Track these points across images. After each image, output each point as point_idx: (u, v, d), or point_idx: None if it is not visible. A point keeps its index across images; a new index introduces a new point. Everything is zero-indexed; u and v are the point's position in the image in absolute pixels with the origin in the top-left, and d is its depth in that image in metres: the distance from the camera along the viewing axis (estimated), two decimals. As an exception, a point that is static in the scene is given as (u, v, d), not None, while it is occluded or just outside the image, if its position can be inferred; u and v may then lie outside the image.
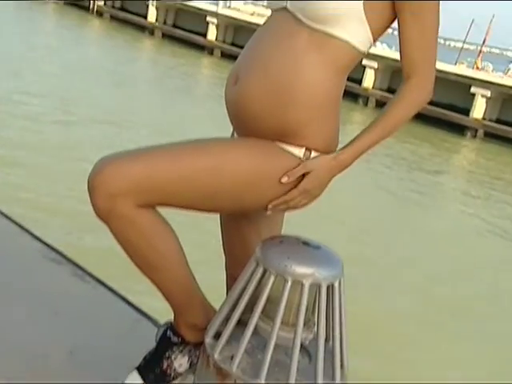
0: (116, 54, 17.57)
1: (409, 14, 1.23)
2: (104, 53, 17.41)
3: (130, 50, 19.38)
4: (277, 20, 1.30)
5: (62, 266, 2.12)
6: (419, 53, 1.26)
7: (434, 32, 1.26)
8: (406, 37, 1.25)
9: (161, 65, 17.67)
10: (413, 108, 1.29)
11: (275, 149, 1.28)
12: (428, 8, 1.24)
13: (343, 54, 1.26)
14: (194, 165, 1.21)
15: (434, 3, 1.24)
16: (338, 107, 1.31)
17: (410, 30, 1.25)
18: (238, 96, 1.29)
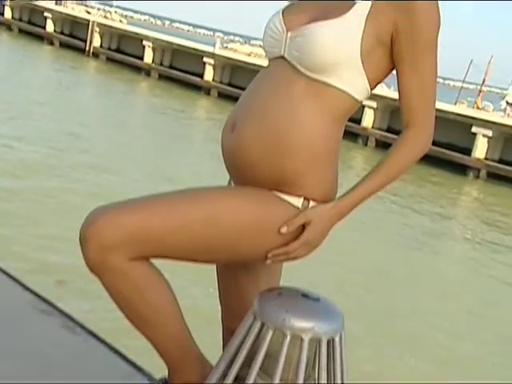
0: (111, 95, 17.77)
1: (407, 65, 1.26)
2: (99, 95, 17.61)
3: (126, 91, 19.59)
4: (274, 68, 1.32)
5: (53, 318, 2.09)
6: (418, 102, 1.28)
7: (432, 82, 1.29)
8: (405, 87, 1.28)
9: (157, 106, 17.84)
10: (413, 156, 1.31)
11: (273, 198, 1.29)
12: (426, 59, 1.26)
13: (340, 103, 1.28)
14: (190, 215, 1.21)
15: (432, 54, 1.27)
16: (336, 156, 1.33)
17: (408, 80, 1.27)
18: (235, 144, 1.31)
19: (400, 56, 1.26)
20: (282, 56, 1.30)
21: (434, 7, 1.24)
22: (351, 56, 1.24)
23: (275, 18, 1.35)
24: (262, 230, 1.26)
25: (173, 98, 20.11)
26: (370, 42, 1.25)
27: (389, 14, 1.24)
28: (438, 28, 1.26)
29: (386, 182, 1.31)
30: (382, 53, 1.27)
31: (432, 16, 1.24)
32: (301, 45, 1.26)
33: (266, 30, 1.36)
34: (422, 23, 1.23)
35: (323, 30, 1.24)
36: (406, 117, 1.30)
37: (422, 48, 1.25)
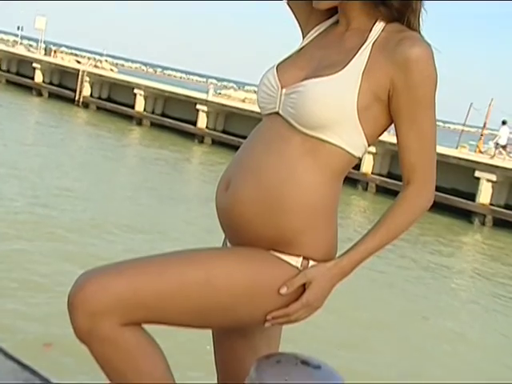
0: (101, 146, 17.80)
1: (406, 121, 1.28)
2: (89, 146, 17.62)
3: (117, 141, 19.67)
4: (269, 125, 1.33)
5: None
6: (418, 159, 1.30)
7: (432, 138, 1.30)
8: (403, 143, 1.30)
9: (148, 156, 17.93)
10: (415, 215, 1.32)
11: (271, 258, 1.28)
12: (425, 115, 1.28)
13: (337, 160, 1.29)
14: (183, 278, 1.20)
15: (430, 110, 1.28)
16: (335, 212, 1.33)
17: (407, 136, 1.29)
18: (230, 203, 1.31)
19: (398, 112, 1.28)
20: (277, 112, 1.32)
21: (431, 63, 1.26)
22: (348, 113, 1.25)
23: (269, 73, 1.36)
24: (260, 292, 1.24)
25: (165, 146, 20.23)
26: (367, 98, 1.26)
27: (385, 70, 1.26)
28: (435, 84, 1.27)
29: (387, 241, 1.31)
30: (379, 108, 1.28)
31: (429, 72, 1.26)
32: (296, 102, 1.27)
33: (260, 86, 1.37)
34: (419, 80, 1.25)
35: (318, 87, 1.25)
36: (406, 173, 1.31)
37: (420, 104, 1.26)
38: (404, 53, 1.23)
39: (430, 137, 1.29)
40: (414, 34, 1.28)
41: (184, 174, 16.83)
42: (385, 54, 1.26)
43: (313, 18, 1.43)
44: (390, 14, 1.30)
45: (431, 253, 12.14)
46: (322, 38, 1.40)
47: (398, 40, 1.26)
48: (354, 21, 1.34)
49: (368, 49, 1.28)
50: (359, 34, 1.32)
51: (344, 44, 1.33)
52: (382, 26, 1.31)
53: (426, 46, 1.25)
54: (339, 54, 1.31)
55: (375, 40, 1.29)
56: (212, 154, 20.55)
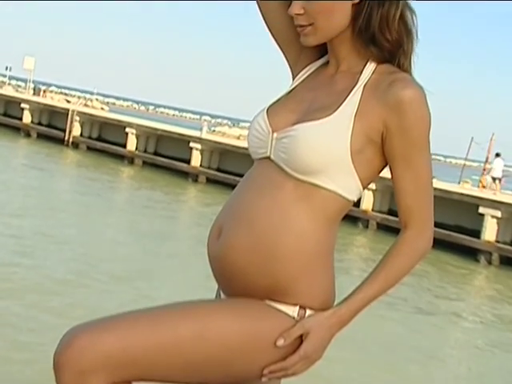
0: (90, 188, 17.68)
1: (400, 163, 1.30)
2: (77, 188, 17.45)
3: (107, 182, 19.65)
4: (261, 170, 1.35)
5: None
6: (415, 202, 1.31)
7: (428, 180, 1.32)
8: (399, 185, 1.32)
9: (140, 197, 17.92)
10: (413, 260, 1.33)
11: (266, 309, 1.27)
12: (419, 157, 1.30)
13: (332, 205, 1.30)
14: (176, 332, 1.18)
15: (425, 152, 1.30)
16: (331, 258, 1.34)
17: (402, 178, 1.31)
18: (222, 251, 1.31)
19: (392, 154, 1.30)
20: (269, 157, 1.33)
21: (424, 104, 1.28)
22: (341, 157, 1.26)
23: (260, 116, 1.37)
24: (255, 345, 1.23)
25: (158, 186, 20.24)
26: (360, 141, 1.28)
27: (378, 112, 1.27)
28: (429, 125, 1.29)
29: (387, 287, 1.31)
30: (372, 151, 1.30)
31: (422, 113, 1.27)
32: (287, 147, 1.28)
33: (250, 130, 1.38)
34: (413, 121, 1.26)
35: (310, 131, 1.26)
36: (403, 216, 1.33)
37: (415, 146, 1.28)
38: (396, 95, 1.26)
39: (425, 178, 1.31)
40: (406, 76, 1.30)
41: (178, 215, 16.78)
42: (377, 96, 1.28)
43: (303, 58, 1.44)
44: (381, 55, 1.32)
45: (435, 295, 11.90)
46: (312, 79, 1.41)
47: (390, 82, 1.28)
48: (344, 61, 1.36)
49: (359, 91, 1.30)
50: (350, 75, 1.34)
51: (335, 86, 1.34)
52: (372, 68, 1.33)
53: (418, 87, 1.28)
54: (330, 96, 1.32)
55: (366, 82, 1.31)
56: (207, 193, 20.56)
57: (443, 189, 17.72)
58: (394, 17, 1.30)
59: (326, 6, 1.30)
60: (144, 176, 22.59)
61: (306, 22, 1.32)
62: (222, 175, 22.40)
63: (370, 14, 1.30)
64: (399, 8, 1.30)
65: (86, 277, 8.56)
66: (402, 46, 1.32)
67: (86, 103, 35.13)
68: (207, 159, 23.75)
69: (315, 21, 1.31)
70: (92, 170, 21.34)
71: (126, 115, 32.58)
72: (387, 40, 1.30)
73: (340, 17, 1.31)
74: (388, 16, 1.29)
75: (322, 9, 1.30)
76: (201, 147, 23.46)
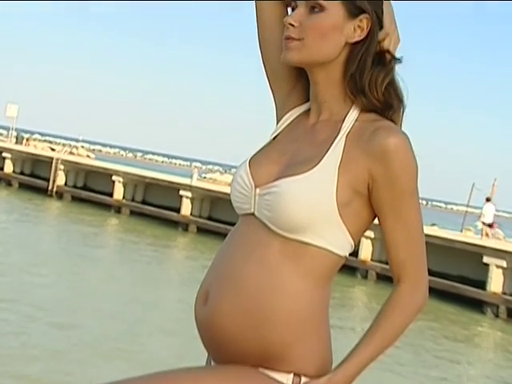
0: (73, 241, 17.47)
1: (389, 215, 1.29)
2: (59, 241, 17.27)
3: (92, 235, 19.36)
4: (246, 227, 1.34)
5: None
6: (407, 254, 1.30)
7: (418, 230, 1.31)
8: (389, 238, 1.31)
9: (127, 248, 17.74)
10: (409, 316, 1.30)
11: (259, 377, 1.25)
12: (408, 207, 1.29)
13: (323, 262, 1.29)
14: None
15: (413, 201, 1.30)
16: (325, 319, 1.31)
17: (392, 231, 1.30)
18: (210, 318, 1.30)
19: (380, 206, 1.30)
20: (253, 213, 1.32)
21: (409, 152, 1.28)
22: (327, 211, 1.26)
23: (242, 170, 1.37)
24: None
25: (146, 237, 20.06)
26: (346, 193, 1.27)
27: (362, 162, 1.28)
28: (416, 173, 1.29)
29: (383, 348, 1.29)
30: (360, 203, 1.30)
31: (408, 162, 1.28)
32: (271, 204, 1.28)
33: (233, 184, 1.39)
34: (399, 171, 1.27)
35: (294, 186, 1.26)
36: (395, 270, 1.32)
37: (403, 195, 1.28)
38: (381, 144, 1.26)
39: (417, 228, 1.31)
40: (389, 124, 1.31)
41: (167, 268, 16.55)
42: (360, 146, 1.28)
43: (290, 101, 1.46)
44: (369, 106, 1.33)
45: (438, 355, 11.42)
46: (294, 128, 1.42)
47: (373, 130, 1.28)
48: (326, 109, 1.37)
49: (342, 141, 1.30)
50: (332, 124, 1.35)
51: (316, 136, 1.35)
52: (355, 115, 1.33)
53: (402, 135, 1.28)
54: (312, 147, 1.33)
55: (349, 131, 1.31)
56: (197, 244, 20.40)
57: (445, 237, 17.67)
58: (383, 81, 1.32)
59: (321, 26, 1.32)
60: (131, 226, 22.42)
61: (296, 35, 1.34)
62: (213, 224, 22.30)
63: (364, 61, 1.32)
64: (389, 75, 1.34)
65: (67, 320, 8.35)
66: (392, 105, 1.34)
67: (72, 151, 35.12)
68: (198, 207, 23.69)
69: (306, 37, 1.33)
70: (76, 221, 21.15)
71: (112, 163, 32.58)
72: (376, 98, 1.32)
73: (331, 44, 1.33)
74: (377, 77, 1.32)
75: (317, 27, 1.32)
76: (191, 195, 23.43)
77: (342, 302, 13.92)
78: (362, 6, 1.33)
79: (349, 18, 1.33)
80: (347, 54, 1.34)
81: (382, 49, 1.35)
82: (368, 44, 1.33)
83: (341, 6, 1.33)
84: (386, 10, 1.37)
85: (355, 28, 1.33)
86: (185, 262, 17.88)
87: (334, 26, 1.33)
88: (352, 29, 1.33)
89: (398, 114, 1.35)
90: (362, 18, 1.33)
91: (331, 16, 1.32)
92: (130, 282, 13.03)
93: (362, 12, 1.33)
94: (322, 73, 1.35)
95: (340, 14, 1.33)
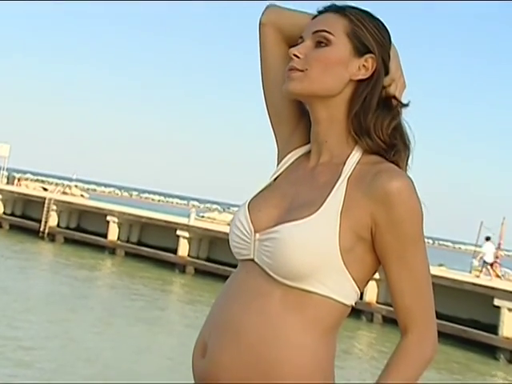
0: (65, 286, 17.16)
1: (394, 261, 1.28)
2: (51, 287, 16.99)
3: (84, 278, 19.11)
4: (245, 274, 1.33)
5: None
6: (413, 302, 1.28)
7: (425, 273, 1.30)
8: (395, 285, 1.29)
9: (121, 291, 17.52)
10: (419, 367, 1.27)
11: None
12: (414, 250, 1.27)
13: (327, 312, 1.27)
14: None
15: (419, 246, 1.28)
16: (331, 374, 1.29)
17: (398, 276, 1.28)
18: (209, 371, 1.28)
19: (383, 251, 1.28)
20: (253, 259, 1.32)
21: (413, 195, 1.27)
22: (330, 257, 1.25)
23: (241, 213, 1.37)
24: None
25: (141, 280, 19.86)
26: (349, 238, 1.27)
27: (364, 206, 1.27)
28: (420, 216, 1.28)
29: None
30: (364, 249, 1.29)
31: (412, 205, 1.26)
32: (271, 251, 1.27)
33: (232, 228, 1.38)
34: (402, 215, 1.26)
35: (294, 232, 1.25)
36: (402, 319, 1.29)
37: (407, 240, 1.27)
38: (383, 187, 1.26)
39: (423, 274, 1.29)
40: (391, 166, 1.30)
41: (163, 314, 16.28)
42: (362, 189, 1.28)
43: (293, 141, 1.48)
44: (374, 148, 1.33)
45: None
46: (294, 170, 1.43)
47: (375, 173, 1.28)
48: (327, 150, 1.37)
49: (343, 185, 1.30)
50: (332, 167, 1.35)
51: (317, 179, 1.35)
52: (357, 158, 1.34)
53: (405, 177, 1.28)
54: (312, 191, 1.33)
55: (350, 174, 1.31)
56: (195, 287, 20.18)
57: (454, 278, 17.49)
58: (389, 124, 1.34)
59: (326, 59, 1.35)
60: (126, 268, 22.24)
61: (300, 66, 1.36)
62: (212, 265, 22.14)
63: (369, 101, 1.34)
64: (396, 119, 1.35)
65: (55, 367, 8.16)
66: (397, 148, 1.34)
67: (65, 190, 35.23)
68: (196, 248, 23.56)
69: (309, 68, 1.35)
70: (69, 265, 20.92)
71: (107, 202, 32.55)
72: (382, 140, 1.33)
73: (334, 78, 1.35)
74: (383, 120, 1.33)
75: (322, 59, 1.35)
76: (189, 235, 23.30)
77: (348, 348, 13.68)
78: (368, 46, 1.36)
79: (355, 56, 1.35)
80: (351, 92, 1.36)
81: (388, 94, 1.37)
82: (373, 84, 1.35)
83: (348, 42, 1.36)
84: (392, 55, 1.39)
85: (360, 66, 1.35)
86: (182, 306, 17.61)
87: (338, 61, 1.35)
88: (357, 66, 1.35)
89: (403, 156, 1.34)
90: (368, 58, 1.36)
91: (337, 50, 1.35)
92: (124, 329, 12.81)
93: (369, 52, 1.36)
94: (324, 110, 1.36)
95: (346, 50, 1.35)
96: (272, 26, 1.50)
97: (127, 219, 25.51)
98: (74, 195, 34.33)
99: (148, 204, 68.60)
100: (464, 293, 16.95)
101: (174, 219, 25.53)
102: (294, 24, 1.47)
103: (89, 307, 14.87)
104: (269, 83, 1.50)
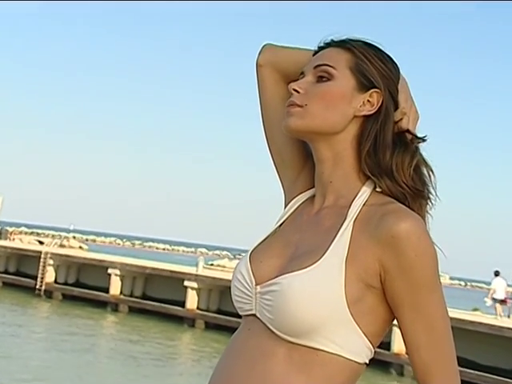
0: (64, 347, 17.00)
1: (407, 311, 1.25)
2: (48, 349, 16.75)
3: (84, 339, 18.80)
4: (247, 331, 1.32)
5: None
6: (431, 356, 1.25)
7: (443, 325, 1.26)
8: (410, 338, 1.26)
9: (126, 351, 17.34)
10: None
11: None
12: (428, 298, 1.25)
13: (336, 371, 1.25)
14: None
15: (435, 293, 1.25)
16: None
17: (413, 329, 1.25)
18: None
19: (395, 301, 1.26)
20: (255, 314, 1.31)
21: (424, 237, 1.25)
22: (336, 310, 1.23)
23: (242, 265, 1.37)
24: None
25: (146, 337, 19.68)
26: (356, 288, 1.25)
27: (371, 251, 1.26)
28: (434, 260, 1.25)
29: None
30: (374, 299, 1.27)
31: (423, 248, 1.24)
32: (272, 305, 1.26)
33: (233, 281, 1.38)
34: (413, 259, 1.23)
35: (296, 283, 1.24)
36: (421, 377, 1.27)
37: (420, 288, 1.25)
38: (390, 230, 1.24)
39: (441, 325, 1.26)
40: (399, 206, 1.29)
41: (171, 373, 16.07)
42: (368, 233, 1.27)
43: (296, 187, 1.49)
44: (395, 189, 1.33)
45: None
46: (297, 216, 1.44)
47: (382, 215, 1.27)
48: (331, 192, 1.38)
49: (349, 229, 1.29)
50: (337, 210, 1.35)
51: (321, 224, 1.35)
52: (363, 199, 1.33)
53: (414, 217, 1.27)
54: (316, 237, 1.33)
55: (356, 217, 1.31)
56: (206, 343, 19.95)
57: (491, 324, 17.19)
58: (410, 163, 1.33)
59: (327, 93, 1.36)
60: (130, 325, 22.06)
61: (300, 101, 1.37)
62: (223, 318, 21.94)
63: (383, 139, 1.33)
64: (415, 156, 1.34)
65: None
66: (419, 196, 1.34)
67: (62, 243, 35.29)
68: (205, 299, 23.41)
69: (310, 103, 1.36)
70: (67, 324, 20.75)
71: (108, 253, 32.52)
72: (404, 182, 1.32)
73: (337, 113, 1.35)
74: (404, 158, 1.33)
75: (323, 94, 1.36)
76: (197, 285, 23.19)
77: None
78: (373, 80, 1.36)
79: (359, 91, 1.36)
80: (357, 128, 1.37)
81: (400, 129, 1.36)
82: (382, 120, 1.35)
83: (351, 77, 1.37)
84: (401, 87, 1.39)
85: (365, 102, 1.36)
86: (191, 365, 17.37)
87: (341, 96, 1.36)
88: (361, 102, 1.36)
89: (423, 204, 1.34)
90: (373, 93, 1.36)
91: (339, 85, 1.36)
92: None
93: (374, 86, 1.36)
94: (328, 149, 1.37)
95: (349, 85, 1.36)
96: (269, 65, 1.53)
97: (130, 271, 25.44)
98: (72, 247, 34.43)
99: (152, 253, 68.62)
100: (505, 340, 16.59)
101: (180, 269, 25.51)
102: (293, 62, 1.50)
103: (90, 370, 14.70)
104: (270, 125, 1.53)
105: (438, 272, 1.27)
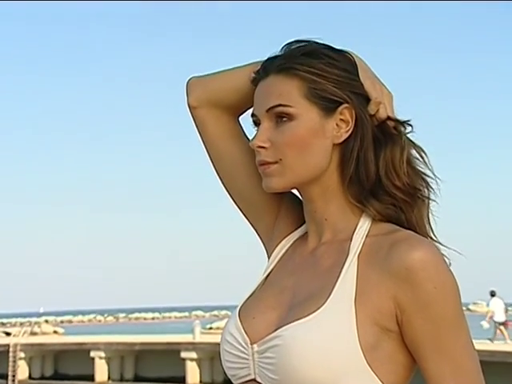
0: None
1: (429, 352, 1.25)
2: None
3: None
4: None
5: None
6: None
7: (471, 365, 1.26)
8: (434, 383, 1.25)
9: None
10: None
11: None
12: (453, 337, 1.25)
13: None
14: None
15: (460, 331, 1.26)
16: None
17: (437, 374, 1.25)
18: None
19: (416, 343, 1.26)
20: (255, 379, 1.31)
21: (441, 266, 1.26)
22: (351, 361, 1.23)
23: (230, 325, 1.37)
24: None
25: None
26: (371, 332, 1.25)
27: (384, 288, 1.26)
28: (455, 292, 1.26)
29: None
30: (392, 344, 1.27)
31: (442, 279, 1.25)
32: (274, 363, 1.26)
33: (222, 345, 1.38)
34: (431, 293, 1.24)
35: (301, 333, 1.24)
36: None
37: (443, 326, 1.25)
38: (402, 261, 1.25)
39: (470, 367, 1.26)
40: (409, 233, 1.31)
41: None
42: (378, 267, 1.28)
43: (277, 232, 1.50)
44: (384, 211, 1.34)
45: None
46: (288, 260, 1.45)
47: (391, 245, 1.28)
48: (328, 228, 1.39)
49: (354, 264, 1.30)
50: (337, 245, 1.37)
51: (320, 264, 1.36)
52: (366, 230, 1.34)
53: (428, 245, 1.29)
54: (316, 278, 1.34)
55: (360, 250, 1.32)
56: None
57: None
58: (401, 159, 1.35)
59: (297, 138, 1.35)
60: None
61: (271, 158, 1.37)
62: None
63: (364, 155, 1.34)
64: (405, 148, 1.36)
65: None
66: (419, 189, 1.36)
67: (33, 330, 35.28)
68: (208, 371, 23.35)
69: (283, 156, 1.36)
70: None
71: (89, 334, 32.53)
72: (398, 187, 1.33)
73: (316, 154, 1.36)
74: (393, 158, 1.34)
75: (293, 141, 1.35)
76: (196, 356, 23.13)
77: None
78: (335, 98, 1.35)
79: (326, 117, 1.36)
80: (340, 155, 1.37)
81: (380, 120, 1.37)
82: (361, 134, 1.35)
83: (310, 106, 1.35)
84: (361, 73, 1.37)
85: (338, 124, 1.36)
86: None
87: (311, 133, 1.35)
88: (334, 126, 1.36)
89: (418, 200, 1.36)
90: (342, 109, 1.35)
91: (304, 121, 1.35)
92: None
93: (339, 102, 1.35)
94: (316, 187, 1.38)
95: (314, 116, 1.35)
96: (204, 104, 1.51)
97: (117, 350, 25.38)
98: (46, 333, 34.55)
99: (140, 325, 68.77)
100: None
101: (174, 338, 25.59)
102: (231, 90, 1.49)
103: None
104: (227, 175, 1.53)
105: (461, 304, 1.28)
